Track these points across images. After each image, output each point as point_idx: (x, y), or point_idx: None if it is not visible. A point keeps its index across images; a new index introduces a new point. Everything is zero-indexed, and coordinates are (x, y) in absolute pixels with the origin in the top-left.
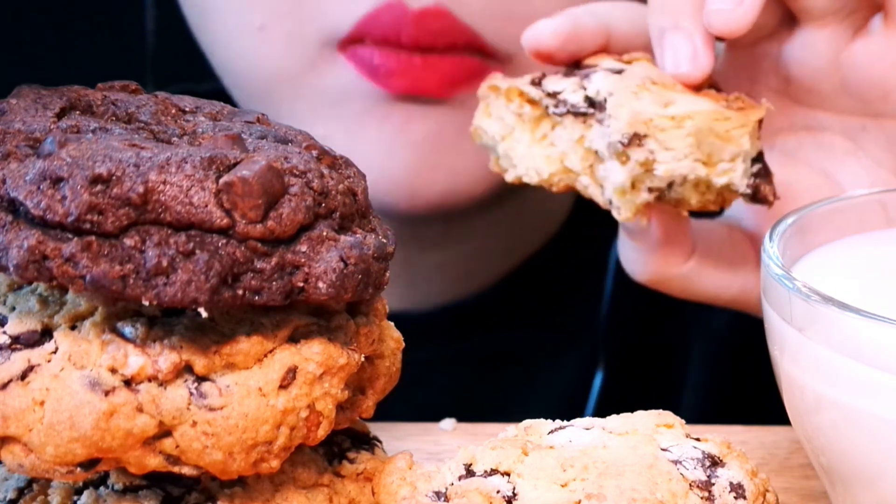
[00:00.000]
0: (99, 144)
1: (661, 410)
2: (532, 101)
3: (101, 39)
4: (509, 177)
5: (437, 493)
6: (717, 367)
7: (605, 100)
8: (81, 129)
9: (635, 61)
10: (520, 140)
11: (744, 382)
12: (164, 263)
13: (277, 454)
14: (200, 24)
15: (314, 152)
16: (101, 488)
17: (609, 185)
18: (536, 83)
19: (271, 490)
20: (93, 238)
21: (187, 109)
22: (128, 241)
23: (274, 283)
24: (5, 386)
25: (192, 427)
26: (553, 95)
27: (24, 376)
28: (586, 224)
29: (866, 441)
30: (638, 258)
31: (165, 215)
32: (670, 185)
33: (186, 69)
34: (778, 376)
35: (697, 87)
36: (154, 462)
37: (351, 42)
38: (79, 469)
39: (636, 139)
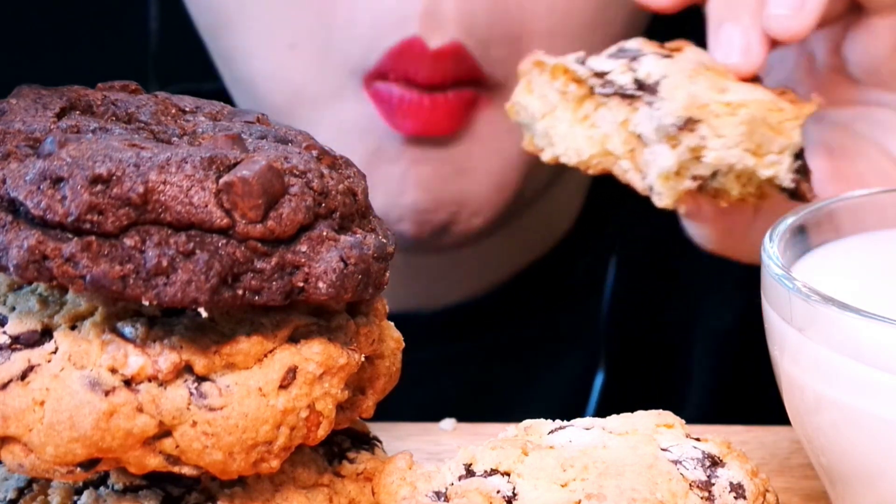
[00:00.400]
0: (99, 144)
1: (661, 410)
2: (578, 80)
3: (104, 39)
4: (546, 156)
5: (437, 493)
6: (721, 367)
7: (658, 83)
8: (81, 129)
9: (682, 49)
10: (561, 119)
11: (747, 382)
12: (164, 263)
13: (277, 454)
14: (220, 38)
15: (314, 152)
16: (101, 488)
17: (653, 170)
18: (581, 63)
19: (271, 490)
20: (93, 238)
21: (187, 109)
22: (128, 241)
23: (274, 283)
24: (5, 386)
25: (192, 427)
26: (601, 75)
27: (24, 376)
28: (591, 229)
29: (866, 441)
30: (702, 233)
31: (165, 215)
32: (714, 174)
33: (189, 69)
34: (778, 376)
35: (744, 80)
36: (154, 462)
37: (376, 77)
38: (79, 469)
39: (689, 124)
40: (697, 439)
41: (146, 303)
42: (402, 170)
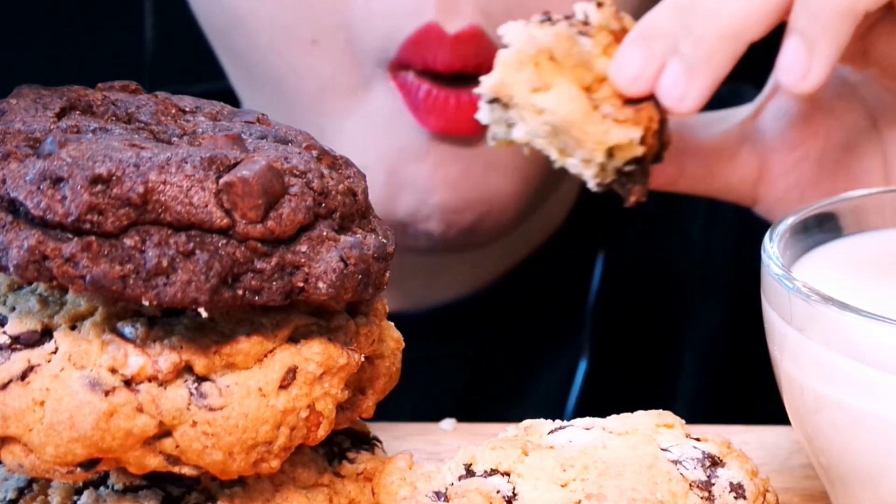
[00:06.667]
0: (99, 144)
1: (661, 410)
2: None
3: (100, 43)
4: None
5: (437, 493)
6: (707, 364)
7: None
8: (81, 129)
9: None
10: None
11: (733, 379)
12: (164, 263)
13: (277, 454)
14: (234, 37)
15: (314, 152)
16: (101, 488)
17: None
18: None
19: (271, 490)
20: (93, 238)
21: (187, 109)
22: (128, 242)
23: (274, 283)
24: (5, 386)
25: (192, 427)
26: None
27: (24, 376)
28: (586, 225)
29: (866, 441)
30: None
31: (165, 215)
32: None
33: (185, 72)
34: (778, 376)
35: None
36: (154, 462)
37: (399, 67)
38: (79, 469)
39: (498, 102)
40: (697, 439)
41: (146, 303)
42: (429, 168)
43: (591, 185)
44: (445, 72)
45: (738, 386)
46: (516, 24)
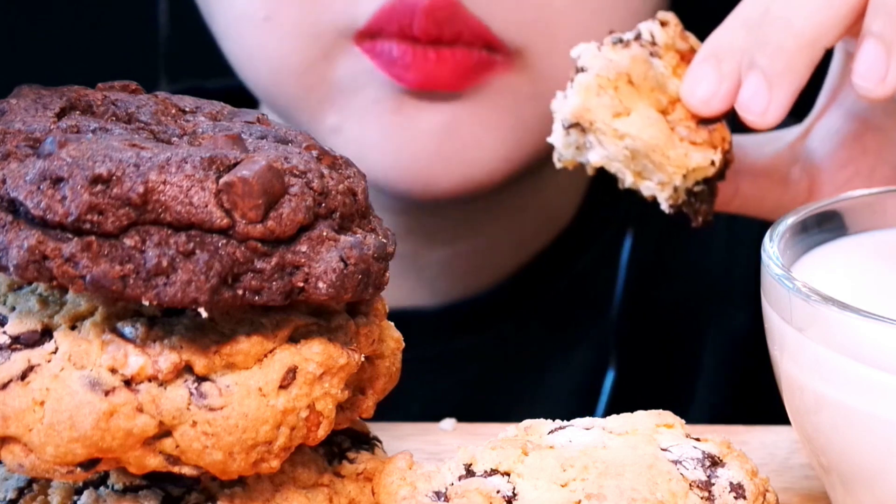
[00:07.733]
0: (99, 144)
1: (661, 410)
2: None
3: (114, 35)
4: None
5: (437, 493)
6: (733, 369)
7: (582, 68)
8: (81, 129)
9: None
10: None
11: (759, 383)
12: (164, 263)
13: (277, 454)
14: (207, 15)
15: (314, 152)
16: (101, 488)
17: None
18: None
19: (271, 490)
20: (93, 238)
21: (187, 109)
22: (128, 241)
23: (274, 283)
24: (5, 386)
25: (192, 427)
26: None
27: (24, 376)
28: (596, 221)
29: (866, 441)
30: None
31: (165, 215)
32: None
33: (200, 64)
34: (778, 376)
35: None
36: (154, 462)
37: (367, 36)
38: (79, 469)
39: (577, 127)
40: (697, 439)
41: (146, 303)
42: (405, 119)
43: (664, 206)
44: (423, 38)
45: (758, 391)
46: (589, 46)
